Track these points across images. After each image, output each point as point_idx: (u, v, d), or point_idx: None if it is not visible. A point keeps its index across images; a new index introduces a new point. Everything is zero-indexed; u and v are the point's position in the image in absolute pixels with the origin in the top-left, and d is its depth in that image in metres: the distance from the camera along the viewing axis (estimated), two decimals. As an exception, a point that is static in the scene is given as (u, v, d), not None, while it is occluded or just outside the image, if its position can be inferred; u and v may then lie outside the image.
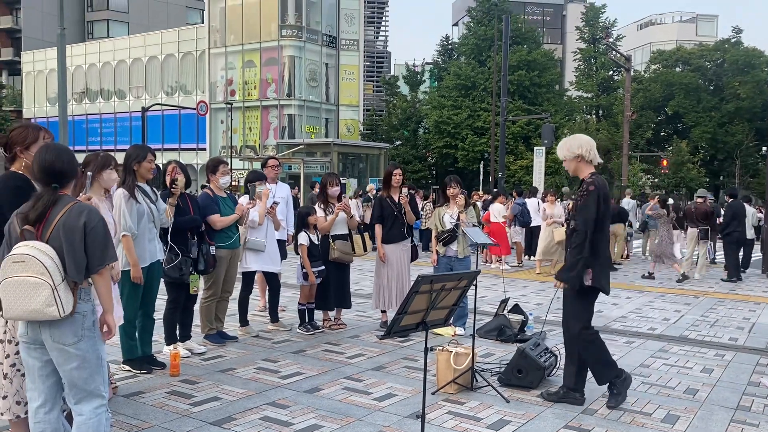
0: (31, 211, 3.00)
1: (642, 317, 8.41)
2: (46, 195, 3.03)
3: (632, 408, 4.77)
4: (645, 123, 41.31)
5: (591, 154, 4.69)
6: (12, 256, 2.93)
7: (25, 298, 2.89)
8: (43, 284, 2.87)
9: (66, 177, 3.10)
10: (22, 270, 2.89)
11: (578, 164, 4.73)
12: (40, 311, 2.89)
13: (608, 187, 4.72)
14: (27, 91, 51.58)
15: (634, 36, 61.48)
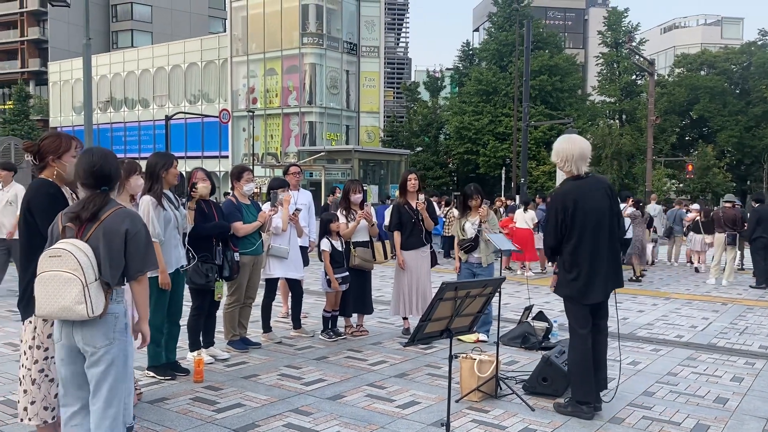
0: (82, 211, 3.02)
1: (669, 324, 8.27)
2: (97, 198, 3.06)
3: (660, 417, 4.68)
4: (669, 127, 40.80)
5: (567, 165, 4.60)
6: (49, 251, 2.95)
7: (56, 294, 2.89)
8: (75, 280, 2.88)
9: (112, 180, 3.16)
10: (57, 265, 2.90)
11: (563, 171, 4.73)
12: (70, 308, 2.89)
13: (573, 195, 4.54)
14: (53, 100, 52.54)
15: (657, 39, 60.86)
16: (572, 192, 4.56)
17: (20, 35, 58.84)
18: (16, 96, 50.98)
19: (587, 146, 4.68)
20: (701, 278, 13.32)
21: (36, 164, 3.56)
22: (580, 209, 4.51)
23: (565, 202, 4.54)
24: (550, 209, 4.66)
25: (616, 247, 4.69)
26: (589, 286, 4.59)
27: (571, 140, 4.69)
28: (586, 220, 4.52)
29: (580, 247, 4.55)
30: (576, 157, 4.58)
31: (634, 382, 5.57)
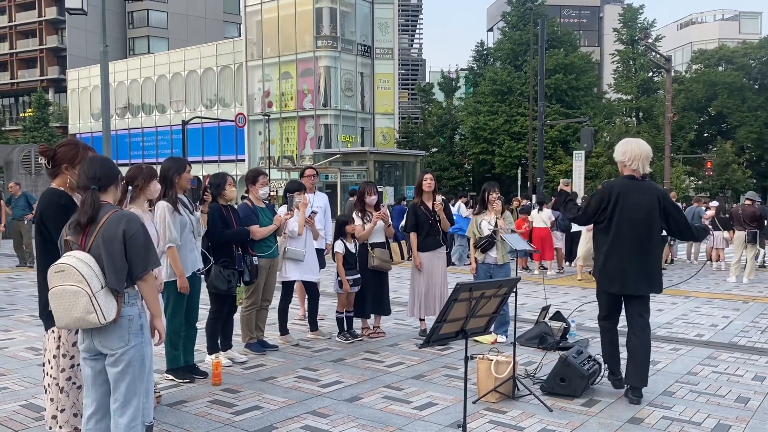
0: (81, 216, 3.08)
1: (688, 323, 8.18)
2: (88, 198, 3.11)
3: (681, 417, 4.63)
4: (687, 124, 40.40)
5: (630, 161, 4.96)
6: (54, 266, 3.03)
7: (68, 307, 2.97)
8: (81, 292, 2.95)
9: (102, 180, 3.18)
10: (63, 279, 2.99)
11: (623, 167, 5.07)
12: (82, 318, 2.97)
13: (620, 189, 4.90)
14: (72, 107, 53.20)
15: (674, 36, 60.25)
16: (620, 186, 4.93)
17: (39, 44, 59.66)
18: (36, 104, 51.71)
19: (650, 149, 5.09)
20: (721, 276, 13.17)
21: (49, 169, 3.61)
22: (621, 203, 4.85)
23: (611, 193, 4.89)
24: (596, 193, 5.05)
25: (652, 250, 4.92)
26: (613, 276, 4.92)
27: (635, 142, 5.06)
28: (625, 215, 4.84)
29: (615, 239, 4.88)
30: (638, 156, 4.95)
31: (653, 381, 5.51)
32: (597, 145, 34.02)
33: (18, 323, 7.79)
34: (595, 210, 4.96)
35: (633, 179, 4.96)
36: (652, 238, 4.89)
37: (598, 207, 4.94)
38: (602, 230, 5.00)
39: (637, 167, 4.96)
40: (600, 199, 4.93)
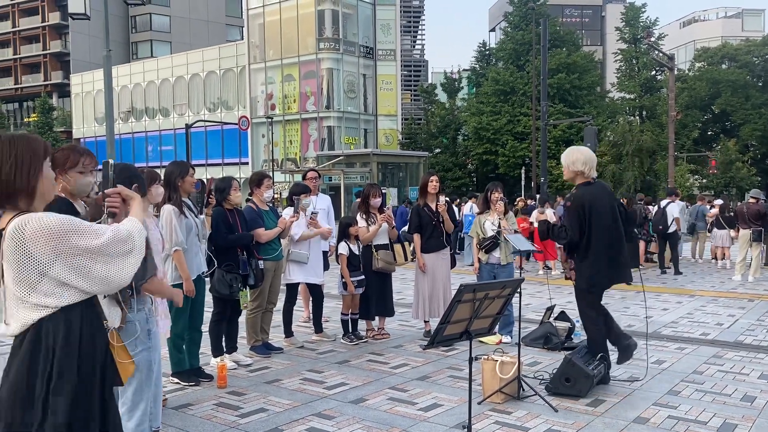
0: None
1: (694, 322, 8.17)
2: (92, 209, 3.15)
3: (686, 416, 4.62)
4: (691, 123, 40.26)
5: (588, 169, 5.23)
6: None
7: None
8: None
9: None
10: None
11: (576, 175, 5.28)
12: None
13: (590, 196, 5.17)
14: (76, 111, 53.35)
15: (676, 34, 60.12)
16: (588, 195, 5.17)
17: (43, 49, 59.91)
18: (40, 108, 51.90)
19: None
20: (726, 275, 13.13)
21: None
22: (595, 210, 5.12)
23: (583, 204, 5.12)
24: (572, 210, 5.18)
25: (624, 245, 5.38)
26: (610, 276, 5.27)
27: (586, 150, 5.36)
28: (601, 222, 5.14)
29: (597, 245, 5.13)
30: (594, 163, 5.28)
31: (658, 381, 5.51)
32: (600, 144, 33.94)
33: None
34: (580, 225, 5.14)
35: (590, 185, 5.25)
36: (621, 234, 5.29)
37: (580, 222, 5.13)
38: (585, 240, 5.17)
39: (590, 174, 5.24)
40: (578, 214, 5.13)
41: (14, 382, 2.17)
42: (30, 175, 2.30)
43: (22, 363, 2.17)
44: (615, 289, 11.14)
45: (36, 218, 2.20)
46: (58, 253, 2.18)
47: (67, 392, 2.18)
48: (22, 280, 2.19)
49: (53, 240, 2.18)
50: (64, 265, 2.19)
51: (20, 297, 2.20)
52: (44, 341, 2.18)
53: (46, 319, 2.20)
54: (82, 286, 2.23)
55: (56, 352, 2.19)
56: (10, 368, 2.20)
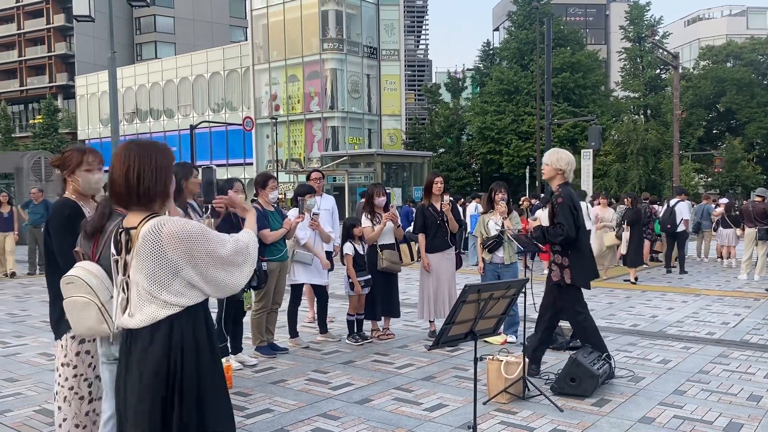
0: (89, 225, 3.11)
1: (699, 321, 8.15)
2: (100, 206, 3.14)
3: (692, 416, 4.62)
4: (696, 121, 40.14)
5: (569, 171, 5.44)
6: (64, 278, 3.06)
7: (80, 318, 3.01)
8: (90, 303, 2.98)
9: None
10: (73, 291, 3.02)
11: (557, 175, 5.44)
12: (95, 328, 3.01)
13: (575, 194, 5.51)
14: (81, 113, 53.51)
15: (681, 32, 59.95)
16: (573, 194, 5.42)
17: (48, 51, 60.09)
18: (45, 110, 52.04)
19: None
20: (732, 274, 13.10)
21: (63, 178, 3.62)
22: (577, 208, 5.36)
23: (573, 200, 5.35)
24: (565, 206, 5.30)
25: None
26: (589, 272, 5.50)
27: (566, 152, 5.53)
28: (580, 220, 5.39)
29: (582, 242, 5.41)
30: (573, 166, 5.51)
31: (664, 380, 5.50)
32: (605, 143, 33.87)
33: (30, 329, 7.85)
34: (572, 221, 5.29)
35: (568, 185, 5.45)
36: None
37: (573, 217, 5.30)
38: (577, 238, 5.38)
39: (569, 175, 5.47)
40: (570, 210, 5.29)
41: (150, 374, 2.35)
42: (167, 180, 2.54)
43: (155, 357, 2.36)
44: (620, 288, 11.16)
45: (172, 222, 2.42)
46: (189, 257, 2.38)
47: (199, 388, 2.40)
48: (154, 278, 2.38)
49: (186, 244, 2.38)
50: (193, 268, 2.40)
51: (151, 293, 2.39)
52: (174, 337, 2.38)
53: (175, 317, 2.40)
54: (205, 289, 2.45)
55: (186, 348, 2.40)
56: (142, 360, 2.39)
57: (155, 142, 2.66)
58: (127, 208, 2.53)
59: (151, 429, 2.36)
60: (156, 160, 2.53)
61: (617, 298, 10.15)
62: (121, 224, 2.52)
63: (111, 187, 2.51)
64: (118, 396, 2.53)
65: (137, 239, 2.40)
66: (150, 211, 2.49)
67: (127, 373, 2.43)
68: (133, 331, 2.43)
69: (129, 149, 2.52)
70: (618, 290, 11.00)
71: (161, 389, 2.36)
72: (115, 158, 2.53)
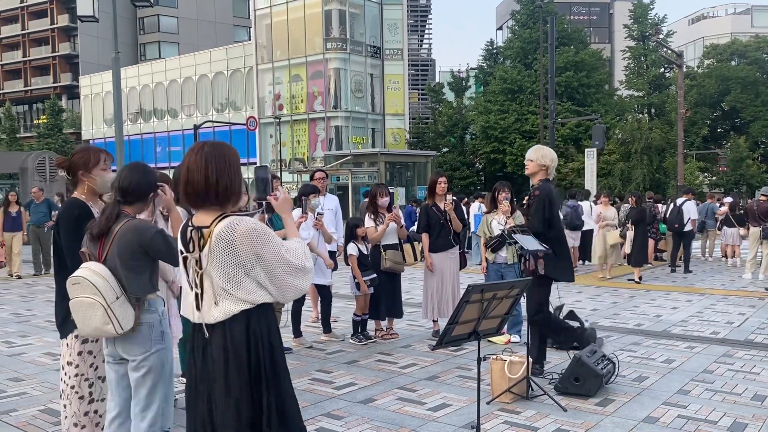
0: (95, 227, 3.13)
1: (704, 321, 8.13)
2: (108, 209, 3.16)
3: (696, 416, 4.61)
4: (700, 120, 40.00)
5: (552, 167, 5.56)
6: (71, 278, 3.07)
7: (86, 318, 3.03)
8: (96, 304, 3.00)
9: (131, 195, 3.22)
10: (79, 291, 3.04)
11: (540, 171, 5.54)
12: (100, 329, 3.03)
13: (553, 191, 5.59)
14: (85, 113, 53.63)
15: (685, 31, 59.77)
16: (552, 191, 5.52)
17: (52, 51, 60.26)
18: (50, 110, 52.17)
19: None
20: (737, 273, 13.06)
21: (70, 179, 3.63)
22: (554, 205, 5.49)
23: (550, 196, 5.43)
24: (540, 202, 5.42)
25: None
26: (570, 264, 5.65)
27: (550, 149, 5.65)
28: (556, 216, 5.53)
29: (560, 234, 5.53)
30: (556, 163, 5.62)
31: (668, 380, 5.49)
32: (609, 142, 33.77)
33: (35, 329, 7.88)
34: (543, 215, 5.40)
35: (548, 182, 5.54)
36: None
37: (544, 212, 5.41)
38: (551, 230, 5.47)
39: (551, 172, 5.58)
40: (543, 205, 5.40)
41: (234, 366, 2.50)
42: (240, 180, 2.66)
43: (236, 349, 2.50)
44: (624, 287, 11.14)
45: (245, 222, 2.51)
46: (258, 257, 2.49)
47: (277, 375, 2.58)
48: (228, 276, 2.48)
49: (258, 244, 2.48)
50: (262, 268, 2.51)
51: (225, 290, 2.50)
52: (252, 329, 2.53)
53: (250, 312, 2.52)
54: (271, 290, 2.55)
55: (263, 339, 2.55)
56: (224, 353, 2.51)
57: (226, 143, 2.70)
58: (201, 207, 2.59)
59: (239, 418, 2.50)
60: (230, 161, 2.61)
61: (621, 297, 10.14)
62: (192, 223, 2.60)
63: (185, 186, 2.57)
64: (196, 389, 2.63)
65: (211, 238, 2.48)
66: (224, 209, 2.58)
67: (203, 365, 2.55)
68: (209, 325, 2.54)
69: (205, 150, 2.59)
70: (622, 289, 10.98)
71: (246, 379, 2.50)
72: (191, 158, 2.58)
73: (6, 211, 12.86)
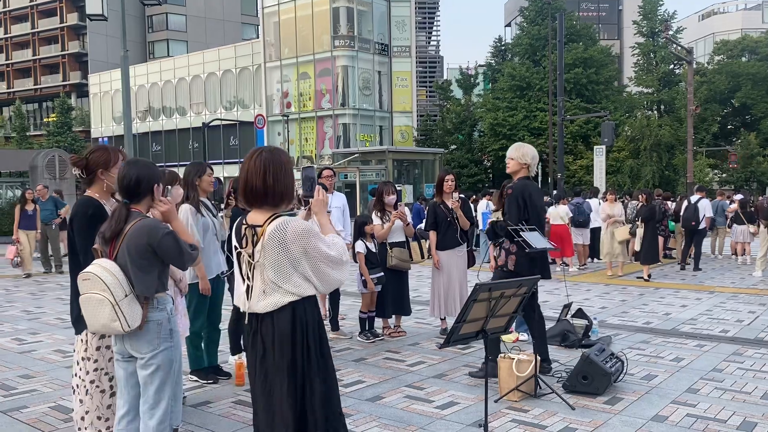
0: (107, 230, 3.16)
1: (713, 319, 8.09)
2: (117, 211, 3.19)
3: (705, 415, 4.59)
4: (710, 116, 39.74)
5: (533, 165, 5.51)
6: (81, 274, 3.10)
7: (94, 314, 3.06)
8: (104, 300, 3.02)
9: (135, 192, 3.23)
10: (89, 287, 3.07)
11: (521, 169, 5.49)
12: (108, 325, 3.05)
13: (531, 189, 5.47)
14: (94, 111, 53.89)
15: (695, 27, 59.42)
16: (528, 188, 5.43)
17: (61, 49, 60.57)
18: (59, 108, 52.46)
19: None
20: (747, 271, 12.98)
21: (84, 178, 3.64)
22: (532, 204, 5.40)
23: (524, 194, 5.37)
24: (513, 200, 5.39)
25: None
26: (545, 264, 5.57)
27: (531, 147, 5.59)
28: (536, 215, 5.45)
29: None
30: (537, 160, 5.55)
31: (677, 379, 5.47)
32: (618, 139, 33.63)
33: (46, 326, 7.94)
34: (518, 214, 5.36)
35: (529, 179, 5.51)
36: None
37: (519, 211, 5.36)
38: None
39: (533, 169, 5.52)
40: (517, 204, 5.35)
41: (286, 353, 2.74)
42: (293, 184, 2.90)
43: (283, 336, 2.74)
44: (633, 285, 11.09)
45: (294, 221, 2.77)
46: (305, 254, 2.73)
47: (326, 363, 2.83)
48: (279, 270, 2.73)
49: (305, 241, 2.72)
50: (308, 263, 2.74)
51: (276, 283, 2.74)
52: (298, 318, 2.76)
53: (296, 304, 2.76)
54: (315, 283, 2.78)
55: (310, 327, 2.79)
56: (274, 342, 2.75)
57: (281, 149, 2.97)
58: (257, 207, 2.84)
59: (285, 402, 2.73)
60: (286, 167, 2.86)
61: (630, 295, 10.10)
62: (246, 221, 2.86)
63: (244, 187, 2.83)
64: (254, 373, 2.85)
65: (264, 235, 2.74)
66: (277, 209, 2.83)
67: (253, 351, 2.82)
68: (259, 315, 2.79)
69: (264, 156, 2.83)
70: (631, 287, 10.94)
71: (290, 365, 2.74)
72: (250, 163, 2.83)
73: (23, 208, 12.83)
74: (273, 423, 2.79)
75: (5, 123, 61.19)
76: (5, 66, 63.44)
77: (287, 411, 2.75)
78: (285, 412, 2.75)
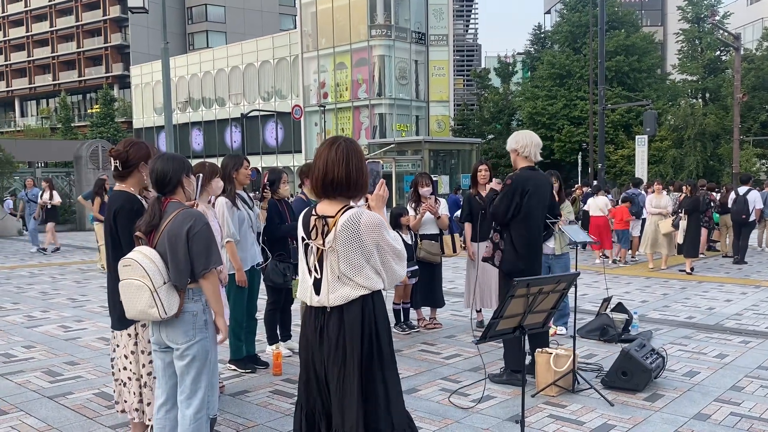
0: (143, 224, 3.22)
1: (759, 314, 7.85)
2: (152, 206, 3.25)
3: (750, 414, 4.46)
4: (758, 104, 38.43)
5: (527, 150, 5.06)
6: (122, 261, 3.16)
7: (133, 300, 3.11)
8: (143, 286, 3.07)
9: (166, 185, 3.28)
10: (129, 273, 3.13)
11: (516, 158, 5.16)
12: (145, 312, 3.10)
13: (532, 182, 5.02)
14: (136, 102, 54.96)
15: (743, 12, 57.38)
16: (530, 181, 5.03)
17: (104, 42, 61.87)
18: (102, 100, 53.67)
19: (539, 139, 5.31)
20: (795, 264, 12.58)
21: (120, 171, 3.70)
22: (534, 196, 5.01)
23: (525, 186, 4.98)
24: (509, 188, 5.01)
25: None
26: (534, 264, 5.10)
27: (530, 133, 5.26)
28: (535, 207, 5.04)
29: (530, 230, 5.04)
30: (533, 145, 5.10)
31: (721, 376, 5.33)
32: (661, 128, 32.83)
33: (90, 314, 8.15)
34: (508, 205, 4.98)
35: (533, 170, 5.13)
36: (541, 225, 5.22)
37: (510, 203, 4.98)
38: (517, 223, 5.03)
39: (530, 154, 5.10)
40: (512, 195, 4.98)
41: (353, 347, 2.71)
42: (368, 176, 2.85)
43: (352, 329, 2.72)
44: (675, 278, 10.84)
45: (366, 214, 2.71)
46: (377, 246, 2.70)
47: (392, 355, 2.85)
48: (351, 263, 2.69)
49: (377, 234, 2.69)
50: (379, 256, 2.72)
51: (347, 275, 2.70)
52: (367, 311, 2.74)
53: (365, 297, 2.73)
54: (384, 277, 2.76)
55: (378, 320, 2.77)
56: (342, 335, 2.73)
57: (354, 140, 2.89)
58: (331, 197, 2.77)
59: (353, 398, 2.71)
60: (363, 158, 2.82)
61: (672, 288, 9.88)
62: (315, 211, 2.79)
63: (323, 177, 2.75)
64: (314, 370, 2.83)
65: (336, 226, 2.68)
66: (350, 200, 2.78)
67: (320, 346, 2.77)
68: (327, 309, 2.75)
69: (344, 146, 2.77)
70: (673, 281, 10.70)
71: (359, 359, 2.70)
72: (330, 153, 2.76)
73: (102, 199, 11.58)
74: (343, 418, 2.74)
75: (51, 114, 62.91)
76: (51, 59, 65.12)
77: (359, 407, 2.71)
78: (357, 408, 2.71)
